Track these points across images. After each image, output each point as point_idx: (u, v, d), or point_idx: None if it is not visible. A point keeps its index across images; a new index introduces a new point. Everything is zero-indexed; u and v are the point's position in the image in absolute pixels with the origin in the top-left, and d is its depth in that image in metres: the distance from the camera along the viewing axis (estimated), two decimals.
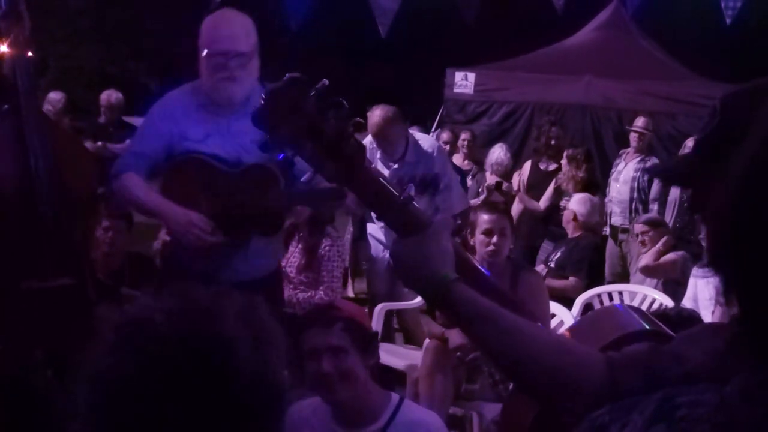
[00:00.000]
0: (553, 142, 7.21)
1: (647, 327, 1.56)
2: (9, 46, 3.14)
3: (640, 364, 1.20)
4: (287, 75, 1.36)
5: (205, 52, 3.09)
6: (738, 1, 7.04)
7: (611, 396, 1.16)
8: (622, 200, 6.89)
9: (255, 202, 3.04)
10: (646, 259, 5.63)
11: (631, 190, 6.86)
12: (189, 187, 3.12)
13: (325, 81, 1.36)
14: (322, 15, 11.26)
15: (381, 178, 1.43)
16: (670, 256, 5.60)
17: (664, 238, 5.66)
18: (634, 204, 6.80)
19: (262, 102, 1.38)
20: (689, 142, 6.96)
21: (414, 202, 1.42)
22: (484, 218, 3.96)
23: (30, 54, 3.23)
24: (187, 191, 3.12)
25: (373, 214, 1.43)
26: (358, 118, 6.77)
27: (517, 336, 1.27)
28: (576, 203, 6.02)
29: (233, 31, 3.09)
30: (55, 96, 8.29)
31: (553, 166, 7.06)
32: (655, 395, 0.69)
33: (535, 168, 7.19)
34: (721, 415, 0.64)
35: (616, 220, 6.87)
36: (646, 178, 6.82)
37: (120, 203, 3.40)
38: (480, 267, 1.54)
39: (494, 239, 3.90)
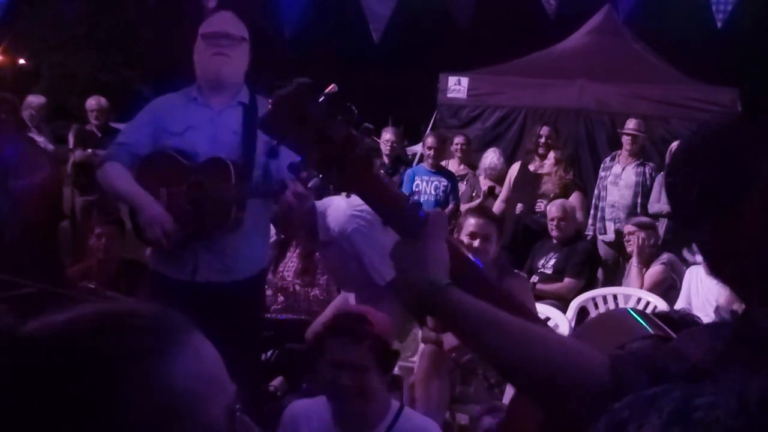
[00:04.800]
0: (542, 140, 7.21)
1: (651, 332, 1.55)
2: None
3: (643, 361, 1.20)
4: (296, 80, 1.33)
5: (200, 35, 3.40)
6: (729, 4, 7.05)
7: (615, 394, 1.16)
8: (627, 205, 6.85)
9: (206, 192, 3.19)
10: (634, 281, 5.60)
11: (635, 195, 6.83)
12: (152, 179, 3.30)
13: (335, 86, 1.34)
14: (316, 22, 11.27)
15: (390, 185, 1.42)
16: (656, 269, 5.58)
17: (651, 239, 5.67)
18: (638, 209, 6.78)
19: (270, 107, 1.35)
20: (673, 146, 7.00)
21: (423, 209, 1.39)
22: (471, 222, 3.99)
23: None
24: (151, 183, 3.29)
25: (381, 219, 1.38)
26: (367, 124, 6.74)
27: (516, 337, 1.26)
28: (557, 208, 6.03)
29: (225, 18, 3.45)
30: (35, 100, 8.09)
31: (542, 168, 7.06)
32: (674, 393, 0.68)
33: (523, 169, 7.19)
34: (737, 422, 0.63)
35: (621, 225, 6.62)
36: (649, 182, 6.80)
37: (106, 193, 3.53)
38: (473, 259, 1.51)
39: (476, 242, 3.92)
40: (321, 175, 1.37)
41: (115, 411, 0.74)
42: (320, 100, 1.32)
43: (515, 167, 7.31)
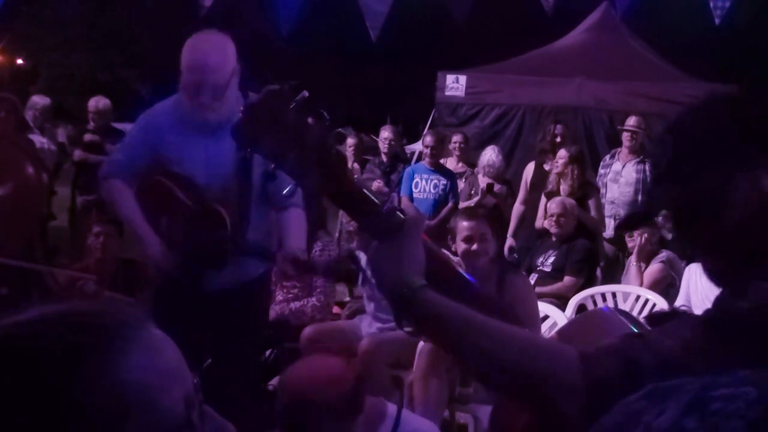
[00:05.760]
0: (558, 139, 7.18)
1: (634, 330, 1.56)
2: None
3: (615, 354, 1.20)
4: (265, 88, 1.34)
5: (182, 74, 3.14)
6: (726, 1, 7.06)
7: (586, 388, 1.16)
8: (627, 202, 6.87)
9: (201, 240, 3.20)
10: (633, 279, 5.61)
11: (636, 192, 6.85)
12: (154, 206, 3.30)
13: (305, 92, 1.34)
14: (313, 20, 11.27)
15: (363, 188, 1.41)
16: (655, 266, 5.58)
17: (653, 237, 5.67)
18: (639, 205, 6.78)
19: (241, 117, 1.35)
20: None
21: (398, 211, 1.38)
22: (463, 225, 3.96)
23: None
24: (152, 210, 3.30)
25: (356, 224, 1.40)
26: (339, 129, 6.76)
27: (489, 337, 1.26)
28: (556, 205, 6.01)
29: (208, 60, 3.08)
30: (40, 101, 8.05)
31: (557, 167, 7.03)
32: (694, 384, 0.67)
33: (539, 169, 7.18)
34: (755, 412, 0.61)
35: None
36: (650, 179, 6.81)
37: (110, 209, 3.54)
38: (461, 271, 1.51)
39: (474, 246, 3.90)
40: (296, 182, 1.38)
41: (69, 407, 0.77)
42: (291, 106, 1.32)
43: (530, 168, 7.28)
